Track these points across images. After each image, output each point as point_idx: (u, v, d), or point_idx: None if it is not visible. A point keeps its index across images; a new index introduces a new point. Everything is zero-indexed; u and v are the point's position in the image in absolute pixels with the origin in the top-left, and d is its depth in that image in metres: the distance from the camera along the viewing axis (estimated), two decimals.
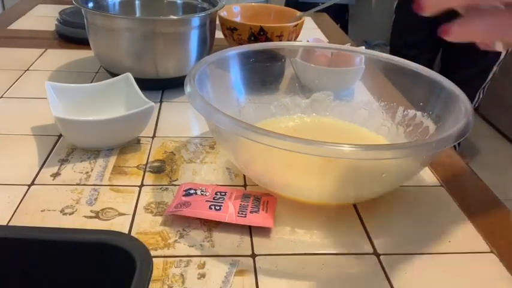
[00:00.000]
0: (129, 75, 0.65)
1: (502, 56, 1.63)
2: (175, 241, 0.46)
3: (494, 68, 1.68)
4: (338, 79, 0.73)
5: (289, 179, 0.51)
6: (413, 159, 0.50)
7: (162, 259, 0.43)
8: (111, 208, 0.49)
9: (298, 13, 0.96)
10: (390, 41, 1.94)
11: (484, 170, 0.84)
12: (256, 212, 0.48)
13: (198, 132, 0.65)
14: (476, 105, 1.77)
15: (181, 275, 0.42)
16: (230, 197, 0.49)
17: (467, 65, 1.65)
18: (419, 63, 0.61)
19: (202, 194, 0.49)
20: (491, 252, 0.47)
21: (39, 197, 0.50)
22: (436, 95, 0.57)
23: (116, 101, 0.64)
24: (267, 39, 0.87)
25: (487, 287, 0.43)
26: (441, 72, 0.58)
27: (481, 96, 1.73)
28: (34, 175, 0.54)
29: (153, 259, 0.32)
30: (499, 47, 0.40)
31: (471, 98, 1.69)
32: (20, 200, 0.50)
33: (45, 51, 0.92)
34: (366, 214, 0.51)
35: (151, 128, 0.65)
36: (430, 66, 0.58)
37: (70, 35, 0.97)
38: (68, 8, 1.04)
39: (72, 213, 0.48)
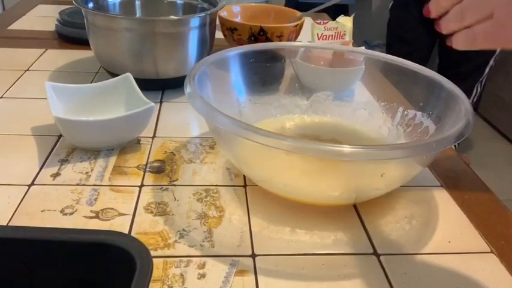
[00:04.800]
0: (129, 75, 0.65)
1: (498, 50, 1.64)
2: (175, 241, 0.46)
3: (491, 62, 1.69)
4: (338, 79, 0.73)
5: (288, 179, 0.51)
6: (413, 159, 0.50)
7: (162, 259, 0.43)
8: (111, 208, 0.49)
9: (298, 13, 0.96)
10: (386, 41, 1.95)
11: (484, 170, 0.84)
12: None
13: (198, 132, 0.65)
14: (474, 100, 1.78)
15: (181, 275, 0.42)
16: None
17: (464, 60, 1.67)
18: (413, 60, 0.61)
19: None
20: (491, 252, 0.47)
21: (39, 197, 0.50)
22: (436, 95, 0.57)
23: (116, 101, 0.64)
24: (267, 40, 0.87)
25: (487, 287, 0.43)
26: (439, 68, 0.58)
27: (478, 90, 1.74)
28: (34, 175, 0.54)
29: (153, 259, 0.32)
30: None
31: (469, 92, 1.70)
32: (20, 200, 0.50)
33: (45, 51, 0.92)
34: (366, 214, 0.51)
35: (151, 128, 0.65)
36: (424, 63, 0.59)
37: (70, 35, 0.97)
38: (68, 8, 1.04)
39: (72, 213, 0.48)
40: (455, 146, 0.84)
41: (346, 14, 0.85)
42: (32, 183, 0.53)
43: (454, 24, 0.43)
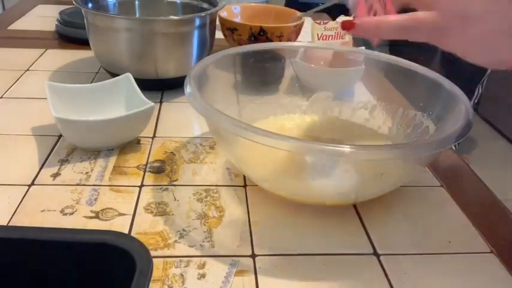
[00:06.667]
0: (129, 75, 0.65)
1: None
2: (175, 241, 0.46)
3: None
4: (338, 79, 0.73)
5: (288, 180, 0.51)
6: (413, 160, 0.50)
7: (162, 259, 0.43)
8: (111, 208, 0.49)
9: (298, 13, 0.96)
10: (389, 40, 1.94)
11: (484, 170, 0.84)
12: None
13: (198, 132, 0.65)
14: (476, 101, 1.77)
15: (181, 275, 0.42)
16: None
17: (465, 62, 1.66)
18: (418, 63, 0.61)
19: None
20: (491, 252, 0.47)
21: (39, 197, 0.50)
22: (436, 95, 0.57)
23: (116, 101, 0.64)
24: (267, 40, 0.87)
25: (487, 287, 0.43)
26: (441, 69, 0.58)
27: (480, 91, 1.74)
28: (34, 175, 0.54)
29: (153, 259, 0.32)
30: None
31: (471, 93, 1.69)
32: (20, 200, 0.50)
33: (45, 51, 0.92)
34: (366, 214, 0.51)
35: (151, 128, 0.65)
36: (429, 65, 0.58)
37: (70, 35, 0.97)
38: (68, 8, 1.04)
39: (72, 213, 0.48)
40: (455, 146, 0.84)
41: (346, 14, 0.85)
42: (32, 183, 0.53)
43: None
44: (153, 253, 0.44)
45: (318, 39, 0.80)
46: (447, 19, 0.38)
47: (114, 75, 0.70)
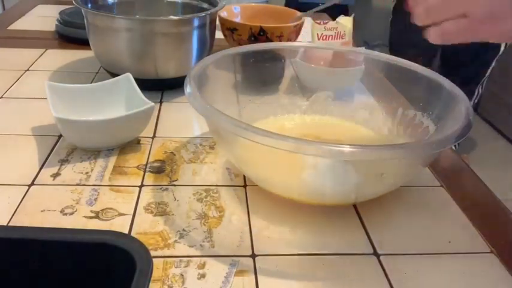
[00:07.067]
0: (129, 75, 0.65)
1: (501, 51, 1.64)
2: (175, 241, 0.46)
3: (493, 63, 1.68)
4: (338, 79, 0.73)
5: (288, 180, 0.51)
6: (413, 160, 0.50)
7: (162, 259, 0.43)
8: (111, 208, 0.49)
9: (298, 13, 0.96)
10: (389, 41, 1.94)
11: (484, 170, 0.84)
12: None
13: (198, 132, 0.65)
14: (476, 101, 1.77)
15: (181, 275, 0.42)
16: None
17: (466, 61, 1.66)
18: (418, 63, 0.61)
19: None
20: (491, 252, 0.47)
21: (39, 197, 0.50)
22: (436, 95, 0.57)
23: (116, 101, 0.64)
24: (267, 40, 0.87)
25: (487, 287, 0.43)
26: (441, 69, 0.58)
27: (480, 91, 1.74)
28: (34, 175, 0.54)
29: (153, 259, 0.32)
30: None
31: (471, 93, 1.69)
32: (20, 200, 0.50)
33: (45, 51, 0.92)
34: (366, 214, 0.51)
35: (151, 128, 0.65)
36: (429, 65, 0.58)
37: (70, 35, 0.97)
38: (68, 8, 1.04)
39: (72, 213, 0.48)
40: (455, 146, 0.84)
41: (346, 14, 0.85)
42: (32, 183, 0.53)
43: (423, 20, 0.45)
44: (153, 253, 0.43)
45: (318, 39, 0.80)
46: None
47: (114, 75, 0.70)
